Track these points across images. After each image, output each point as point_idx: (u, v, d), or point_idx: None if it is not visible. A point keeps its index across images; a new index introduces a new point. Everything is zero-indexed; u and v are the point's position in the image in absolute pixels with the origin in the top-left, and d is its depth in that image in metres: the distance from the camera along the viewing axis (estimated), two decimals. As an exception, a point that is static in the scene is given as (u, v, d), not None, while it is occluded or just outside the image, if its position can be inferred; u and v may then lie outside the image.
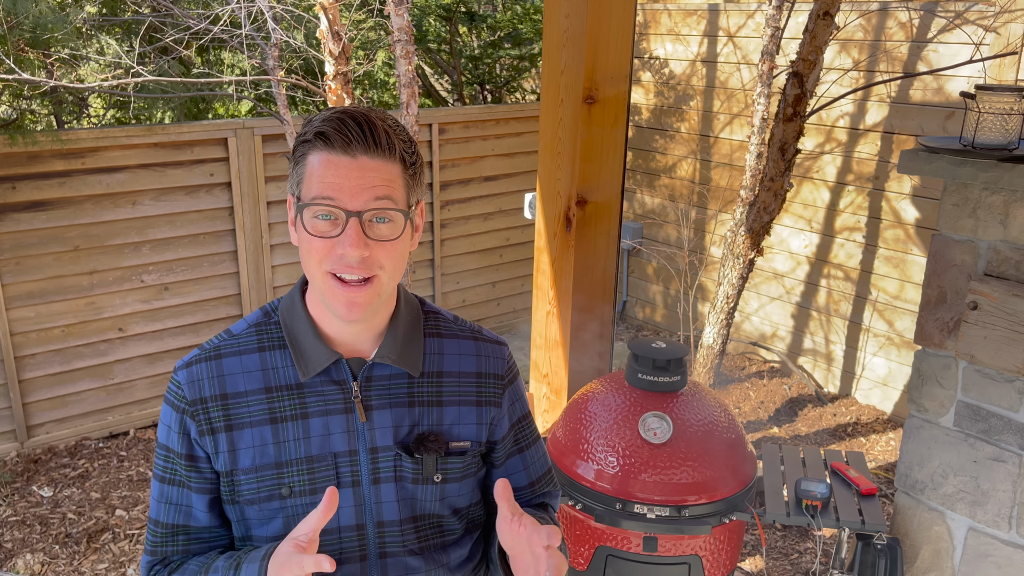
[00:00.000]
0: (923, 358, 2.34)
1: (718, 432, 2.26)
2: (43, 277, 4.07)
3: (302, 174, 1.14)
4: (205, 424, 1.19)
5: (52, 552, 3.48)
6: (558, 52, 2.53)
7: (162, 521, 1.24)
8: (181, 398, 1.20)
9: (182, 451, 1.21)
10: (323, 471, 1.21)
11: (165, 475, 1.24)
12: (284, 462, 1.20)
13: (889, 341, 4.69)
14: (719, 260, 5.28)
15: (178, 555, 1.26)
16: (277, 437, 1.19)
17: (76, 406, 4.31)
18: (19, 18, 3.87)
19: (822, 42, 3.79)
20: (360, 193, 1.11)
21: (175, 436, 1.21)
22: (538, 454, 1.41)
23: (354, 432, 1.21)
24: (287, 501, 1.20)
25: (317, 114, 1.17)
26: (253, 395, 1.20)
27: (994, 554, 2.24)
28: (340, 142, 1.11)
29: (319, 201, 1.11)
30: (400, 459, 1.23)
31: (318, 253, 1.13)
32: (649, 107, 5.81)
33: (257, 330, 1.24)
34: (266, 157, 4.54)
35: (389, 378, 1.24)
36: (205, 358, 1.22)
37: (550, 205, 2.65)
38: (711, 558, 2.26)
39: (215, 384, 1.20)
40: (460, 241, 5.49)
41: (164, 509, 1.24)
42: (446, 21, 6.76)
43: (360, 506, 1.23)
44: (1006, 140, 2.12)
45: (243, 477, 1.20)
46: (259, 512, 1.22)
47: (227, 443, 1.19)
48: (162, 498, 1.24)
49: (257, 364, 1.21)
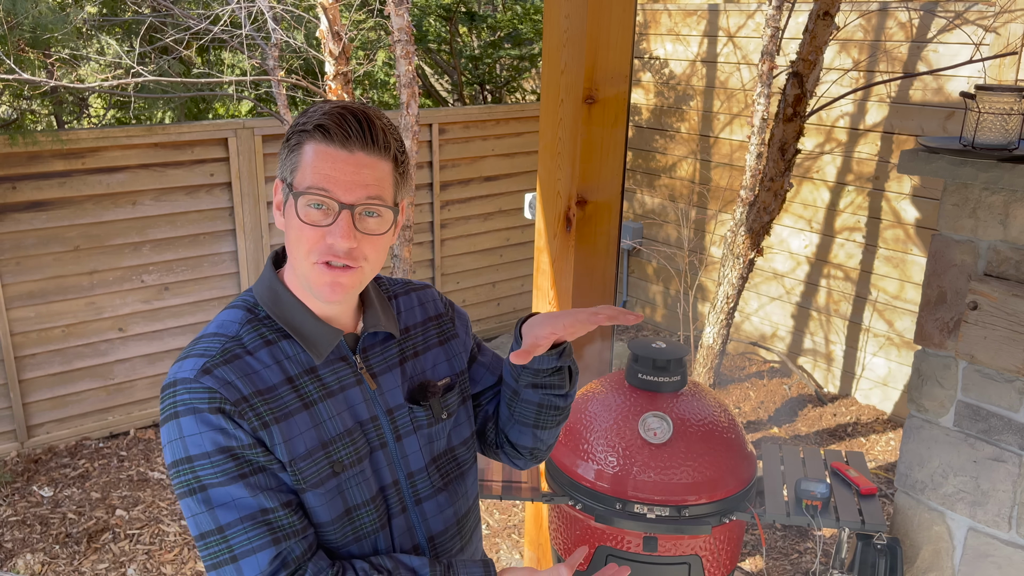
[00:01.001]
0: (923, 358, 2.34)
1: (718, 432, 2.26)
2: (43, 277, 4.07)
3: (297, 162, 1.18)
4: (256, 420, 1.18)
5: (52, 552, 3.48)
6: (558, 52, 2.53)
7: (269, 507, 1.18)
8: (222, 400, 1.16)
9: (251, 441, 1.17)
10: (361, 440, 1.28)
11: (243, 470, 1.17)
12: (328, 440, 1.24)
13: (889, 341, 4.70)
14: (719, 260, 5.28)
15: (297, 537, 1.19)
16: (315, 420, 1.24)
17: (76, 406, 4.31)
18: (19, 18, 3.87)
19: (822, 42, 3.79)
20: (354, 187, 1.16)
21: (236, 433, 1.17)
22: (489, 355, 1.53)
23: (370, 400, 1.30)
24: (341, 476, 1.25)
25: (315, 105, 1.21)
26: (281, 387, 1.23)
27: (994, 554, 2.24)
28: (339, 136, 1.15)
29: (314, 191, 1.16)
30: (413, 412, 1.33)
31: (308, 242, 1.18)
32: (649, 107, 5.81)
33: (252, 327, 1.25)
34: (266, 157, 4.54)
35: (380, 344, 1.34)
36: (222, 362, 1.20)
37: (550, 205, 2.65)
38: (711, 558, 2.26)
39: (247, 382, 1.19)
40: (460, 241, 5.49)
41: (264, 497, 1.18)
42: (446, 21, 6.76)
43: (391, 464, 1.31)
44: (1006, 140, 2.13)
45: (303, 464, 1.22)
46: (321, 496, 1.23)
47: (280, 435, 1.20)
48: (253, 491, 1.17)
49: (270, 358, 1.23)
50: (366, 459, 1.28)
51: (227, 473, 1.17)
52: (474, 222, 5.52)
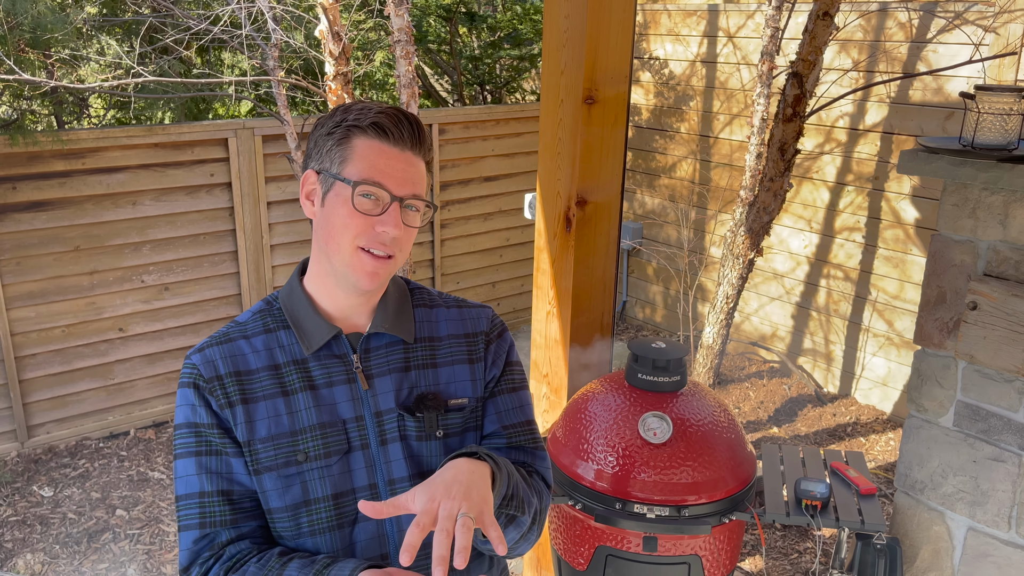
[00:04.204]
0: (923, 358, 2.34)
1: (718, 432, 2.26)
2: (43, 277, 4.07)
3: (347, 155, 1.25)
4: (223, 398, 1.28)
5: (52, 552, 3.48)
6: (558, 52, 2.53)
7: (206, 490, 1.27)
8: (198, 376, 1.28)
9: (212, 421, 1.28)
10: (335, 436, 1.30)
11: (199, 448, 1.28)
12: (298, 430, 1.29)
13: (889, 341, 4.70)
14: (719, 260, 5.29)
15: (226, 527, 1.27)
16: (289, 408, 1.29)
17: (76, 406, 4.31)
18: (19, 18, 3.87)
19: (822, 42, 3.79)
20: (405, 183, 1.25)
21: (201, 411, 1.28)
22: (514, 403, 1.43)
23: (359, 399, 1.32)
24: (303, 466, 1.28)
25: (360, 103, 1.30)
26: (263, 371, 1.30)
27: (994, 554, 2.24)
28: (395, 135, 1.25)
29: (370, 183, 1.23)
30: (403, 419, 1.33)
31: (356, 228, 1.24)
32: (649, 107, 5.81)
33: (261, 316, 1.35)
34: (266, 157, 4.55)
35: (386, 347, 1.35)
36: (216, 343, 1.32)
37: (550, 205, 2.66)
38: (711, 558, 2.27)
39: (228, 363, 1.29)
40: (460, 241, 5.49)
41: (205, 479, 1.27)
42: (446, 21, 6.76)
43: (371, 467, 1.32)
44: (1006, 140, 2.13)
45: (260, 446, 1.28)
46: (277, 480, 1.28)
47: (244, 415, 1.28)
48: (200, 469, 1.27)
49: (264, 344, 1.32)
50: (338, 456, 1.29)
51: (187, 447, 1.28)
52: (474, 222, 5.52)
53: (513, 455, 1.41)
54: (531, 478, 1.41)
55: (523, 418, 1.44)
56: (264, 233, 4.61)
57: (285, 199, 4.65)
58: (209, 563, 1.25)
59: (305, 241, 4.78)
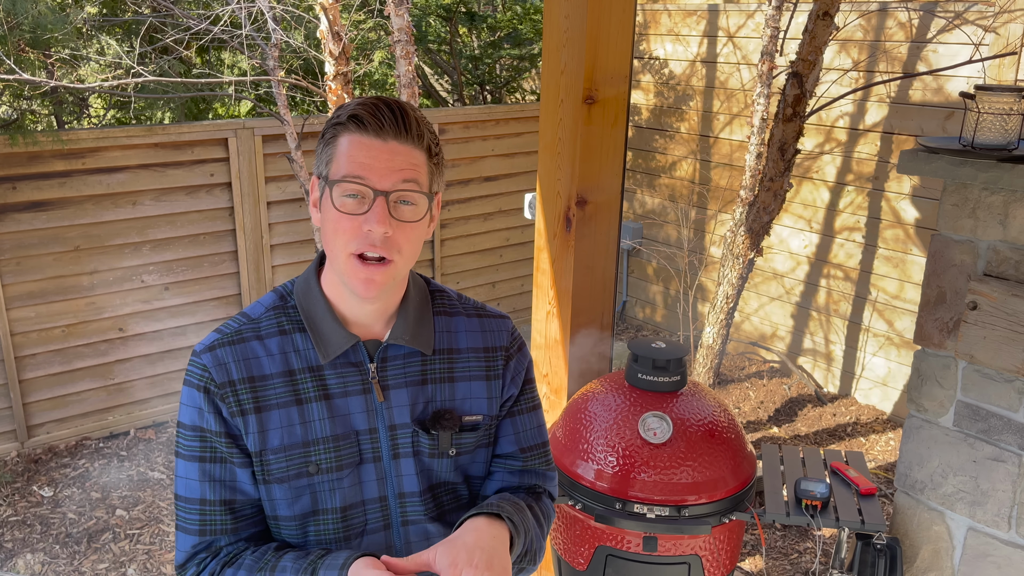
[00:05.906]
0: (923, 358, 2.34)
1: (718, 432, 2.26)
2: (43, 277, 4.07)
3: (332, 154, 1.19)
4: (235, 406, 1.23)
5: (52, 552, 3.48)
6: (558, 52, 2.53)
7: (208, 498, 1.25)
8: (210, 380, 1.22)
9: (220, 429, 1.23)
10: (347, 448, 1.26)
11: (204, 454, 1.24)
12: (311, 441, 1.25)
13: (889, 341, 4.70)
14: (719, 260, 5.28)
15: (227, 535, 1.26)
16: (303, 417, 1.24)
17: (76, 406, 4.31)
18: (19, 18, 3.87)
19: (822, 42, 3.79)
20: (389, 174, 1.16)
21: (209, 416, 1.23)
22: (532, 423, 1.42)
23: (373, 411, 1.27)
24: (314, 478, 1.25)
25: (349, 101, 1.24)
26: (277, 377, 1.24)
27: (993, 554, 2.24)
28: (373, 125, 1.16)
29: (349, 179, 1.16)
30: (417, 435, 1.29)
31: (345, 233, 1.17)
32: (649, 107, 5.81)
33: (275, 313, 1.28)
34: (266, 157, 4.55)
35: (403, 358, 1.29)
36: (228, 342, 1.25)
37: (550, 205, 2.66)
38: (711, 558, 2.27)
39: (241, 367, 1.24)
40: (460, 241, 5.49)
41: (208, 487, 1.25)
42: (446, 21, 6.76)
43: (382, 479, 1.29)
44: (1006, 140, 2.13)
45: (272, 456, 1.24)
46: (287, 491, 1.26)
47: (256, 424, 1.23)
48: (203, 476, 1.24)
49: (279, 347, 1.25)
50: (351, 468, 1.27)
51: (191, 450, 1.25)
52: (474, 222, 5.52)
53: (527, 478, 1.41)
54: (540, 500, 1.41)
55: (540, 440, 1.43)
56: (264, 233, 4.61)
57: (285, 199, 4.65)
58: (206, 562, 1.25)
59: (305, 241, 4.78)
